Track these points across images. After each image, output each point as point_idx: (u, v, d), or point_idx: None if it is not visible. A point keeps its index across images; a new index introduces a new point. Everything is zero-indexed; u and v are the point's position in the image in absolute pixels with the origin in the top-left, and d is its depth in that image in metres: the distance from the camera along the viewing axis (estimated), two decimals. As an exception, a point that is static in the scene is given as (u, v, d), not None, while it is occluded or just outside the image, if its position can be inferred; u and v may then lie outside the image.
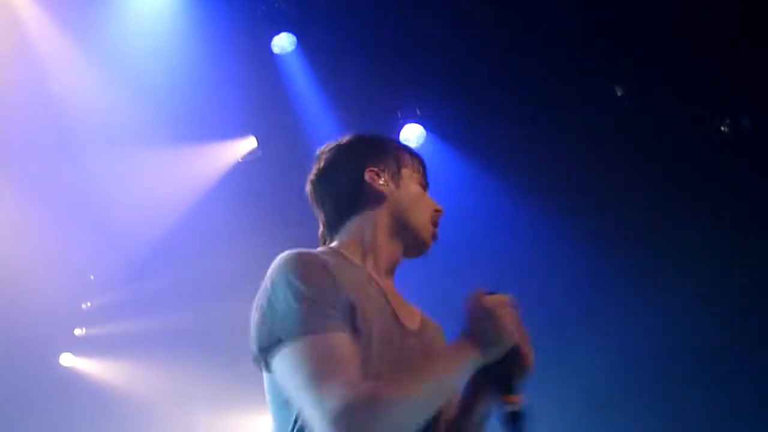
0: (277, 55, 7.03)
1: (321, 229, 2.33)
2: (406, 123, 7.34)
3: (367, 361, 1.85)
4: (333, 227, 2.26)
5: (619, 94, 6.87)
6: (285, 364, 1.82)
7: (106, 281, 8.22)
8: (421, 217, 2.22)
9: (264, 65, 7.02)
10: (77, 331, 8.57)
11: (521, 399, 1.97)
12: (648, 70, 6.62)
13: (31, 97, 6.66)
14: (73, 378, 8.49)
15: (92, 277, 8.27)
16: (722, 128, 6.90)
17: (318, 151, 2.36)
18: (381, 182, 2.22)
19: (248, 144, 7.55)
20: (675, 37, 6.35)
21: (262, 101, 7.25)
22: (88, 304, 8.46)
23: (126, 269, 8.03)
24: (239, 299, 8.22)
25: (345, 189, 2.23)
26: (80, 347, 8.58)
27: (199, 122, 7.17)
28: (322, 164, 2.31)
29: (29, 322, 7.79)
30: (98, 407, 8.41)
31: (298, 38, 6.96)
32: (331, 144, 2.35)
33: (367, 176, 2.23)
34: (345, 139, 2.35)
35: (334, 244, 2.25)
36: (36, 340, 8.01)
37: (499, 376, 1.99)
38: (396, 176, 2.25)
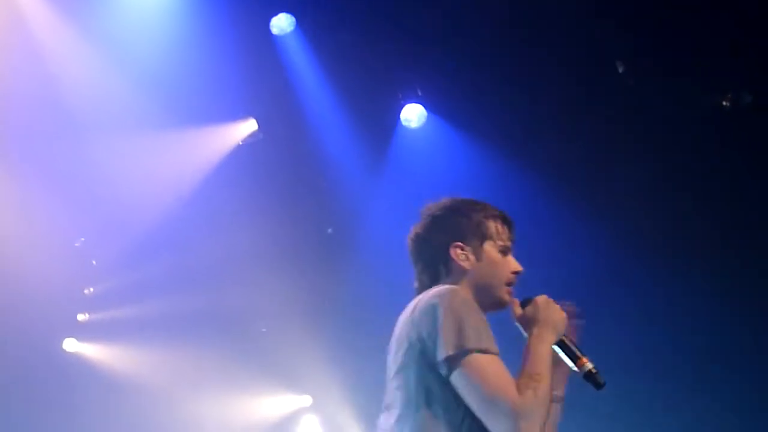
0: (276, 36, 7.00)
1: (416, 282, 2.72)
2: (407, 103, 7.32)
3: None
4: (425, 286, 2.65)
5: (620, 70, 6.84)
6: (470, 371, 2.39)
7: (108, 266, 8.22)
8: (498, 284, 2.67)
9: (263, 47, 6.99)
10: (80, 317, 8.57)
11: (589, 359, 2.59)
12: (651, 45, 6.59)
13: (31, 81, 6.64)
14: (76, 363, 8.49)
15: (94, 262, 8.27)
16: (724, 103, 6.88)
17: (421, 211, 2.76)
18: (463, 258, 2.65)
19: (248, 127, 7.52)
20: (677, 12, 6.32)
21: (262, 83, 7.22)
22: (91, 289, 8.46)
23: (128, 254, 8.02)
24: (243, 282, 8.26)
25: (433, 260, 2.67)
26: (84, 332, 8.58)
27: (199, 105, 7.14)
28: (418, 230, 2.73)
29: (32, 308, 7.79)
30: (102, 392, 8.43)
31: (297, 19, 6.92)
32: (430, 208, 2.74)
33: (452, 252, 2.64)
34: (441, 207, 2.74)
35: None
36: (39, 326, 8.01)
37: (566, 349, 2.60)
38: (478, 250, 2.66)
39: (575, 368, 2.61)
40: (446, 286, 2.56)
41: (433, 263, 2.68)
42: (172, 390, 8.42)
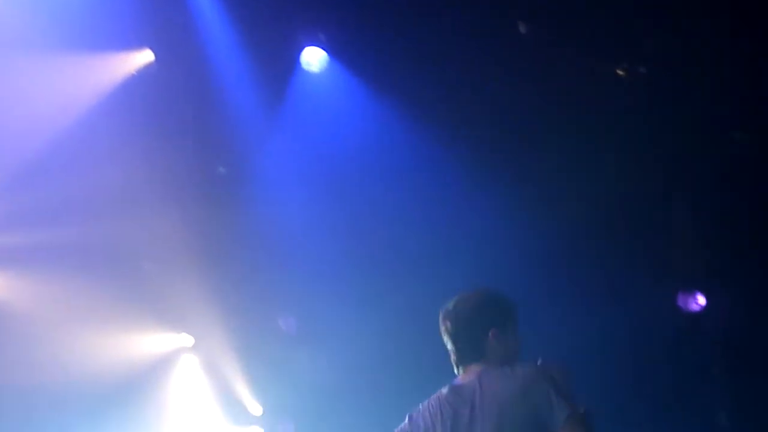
0: (178, -35, 6.82)
1: (456, 354, 3.52)
2: (307, 45, 7.25)
3: None
4: (466, 358, 3.50)
5: (522, 30, 6.90)
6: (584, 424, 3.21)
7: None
8: (513, 358, 3.50)
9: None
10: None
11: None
12: (556, 8, 6.68)
13: None
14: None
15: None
16: (619, 72, 7.02)
17: (458, 299, 3.54)
18: (497, 342, 3.49)
19: (144, 57, 7.32)
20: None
21: (161, 14, 7.04)
22: (-33, 214, 8.15)
23: (9, 180, 7.75)
24: (127, 216, 8.06)
25: (476, 340, 3.50)
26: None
27: (94, 31, 6.91)
28: (467, 314, 3.52)
29: None
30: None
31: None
32: (471, 298, 3.54)
33: (491, 337, 3.48)
34: (483, 299, 3.55)
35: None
36: None
37: None
38: (506, 335, 3.52)
39: None
40: (534, 366, 3.35)
41: (476, 342, 3.50)
42: (47, 322, 8.22)
